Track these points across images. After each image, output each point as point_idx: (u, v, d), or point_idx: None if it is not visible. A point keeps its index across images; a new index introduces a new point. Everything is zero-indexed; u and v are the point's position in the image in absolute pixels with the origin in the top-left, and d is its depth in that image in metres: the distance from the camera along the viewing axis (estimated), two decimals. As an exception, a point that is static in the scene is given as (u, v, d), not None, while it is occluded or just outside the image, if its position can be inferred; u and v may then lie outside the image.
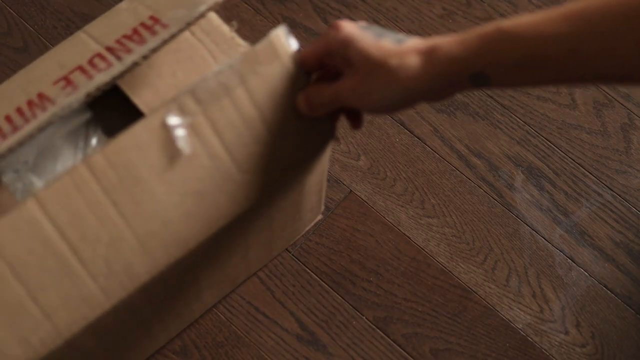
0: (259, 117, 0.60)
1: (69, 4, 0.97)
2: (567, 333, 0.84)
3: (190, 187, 0.58)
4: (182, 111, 0.58)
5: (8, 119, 0.59)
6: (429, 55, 0.52)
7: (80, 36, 0.65)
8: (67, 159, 0.64)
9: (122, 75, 0.57)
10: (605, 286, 0.86)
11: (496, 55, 0.49)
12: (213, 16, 0.65)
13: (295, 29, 0.97)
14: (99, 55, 0.61)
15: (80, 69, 0.60)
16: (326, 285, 0.85)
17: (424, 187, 0.90)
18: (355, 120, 0.62)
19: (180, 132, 0.58)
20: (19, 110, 0.59)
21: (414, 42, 0.53)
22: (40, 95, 0.59)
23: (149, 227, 0.57)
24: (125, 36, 0.61)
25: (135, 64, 0.57)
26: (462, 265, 0.86)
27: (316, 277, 0.85)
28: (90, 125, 0.65)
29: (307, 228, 0.87)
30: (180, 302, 0.73)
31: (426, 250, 0.87)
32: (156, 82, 0.62)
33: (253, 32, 0.97)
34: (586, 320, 0.84)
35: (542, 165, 0.91)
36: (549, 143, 0.92)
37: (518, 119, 0.93)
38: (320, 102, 0.59)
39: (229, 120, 0.59)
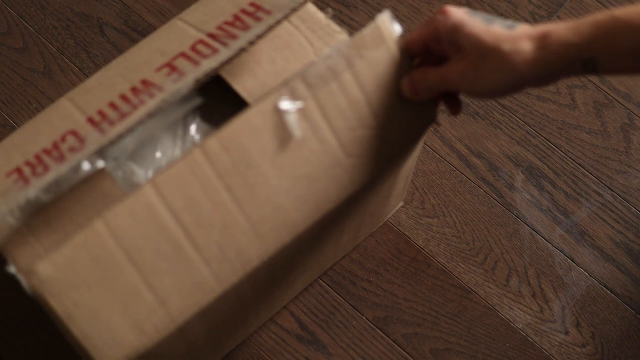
0: (365, 101, 0.60)
1: (69, 4, 0.98)
2: (567, 333, 0.84)
3: (300, 171, 0.59)
4: (293, 95, 0.58)
5: (112, 105, 0.59)
6: (541, 40, 0.53)
7: (177, 24, 0.65)
8: (166, 147, 0.64)
9: (229, 60, 0.58)
10: (605, 286, 0.86)
11: (610, 43, 0.51)
12: (307, 3, 0.65)
13: (295, 29, 0.97)
14: (202, 42, 0.61)
15: (184, 55, 0.61)
16: (326, 285, 0.85)
17: (424, 187, 0.90)
18: (455, 105, 0.63)
19: (291, 117, 0.58)
20: (123, 97, 0.60)
21: (524, 28, 0.54)
22: (145, 82, 0.60)
23: (261, 212, 0.58)
24: (226, 23, 0.62)
25: (242, 50, 0.58)
26: (462, 265, 0.86)
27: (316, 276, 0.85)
28: (188, 113, 0.65)
29: (389, 216, 0.87)
30: (278, 288, 0.73)
31: (426, 250, 0.87)
32: (255, 69, 0.63)
33: (253, 32, 0.97)
34: (586, 320, 0.84)
35: (542, 165, 0.91)
36: (549, 143, 0.92)
37: (518, 119, 0.93)
38: (426, 86, 0.60)
39: (336, 105, 0.60)
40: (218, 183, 0.57)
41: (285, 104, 0.58)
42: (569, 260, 0.87)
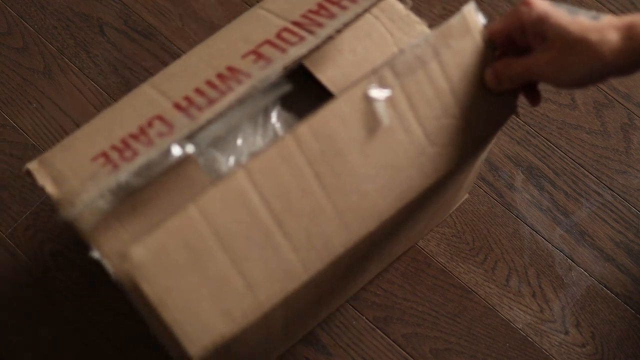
0: (450, 91, 0.61)
1: (69, 4, 0.98)
2: (567, 333, 0.84)
3: (385, 160, 0.59)
4: (382, 83, 0.59)
5: (199, 91, 0.60)
6: (627, 31, 0.54)
7: (258, 12, 0.66)
8: (247, 135, 0.65)
9: (317, 48, 0.59)
10: (605, 286, 0.86)
11: None
12: None
13: (295, 29, 0.97)
14: (287, 30, 0.62)
15: (269, 42, 0.61)
16: (326, 285, 0.85)
17: (424, 187, 0.90)
18: (534, 96, 0.64)
19: (380, 105, 0.59)
20: (210, 83, 0.60)
21: (609, 19, 0.55)
22: (231, 69, 0.61)
23: (348, 199, 0.58)
24: (311, 11, 0.62)
25: (330, 38, 0.59)
26: (462, 265, 0.86)
27: (316, 277, 0.85)
28: (273, 100, 0.66)
29: (454, 208, 0.87)
30: (352, 277, 0.73)
31: (426, 250, 0.87)
32: (337, 58, 0.63)
33: (253, 32, 0.97)
34: (586, 320, 0.84)
35: (542, 165, 0.91)
36: (549, 143, 0.92)
37: (518, 119, 0.93)
38: (509, 77, 0.60)
39: (422, 93, 0.60)
40: (307, 170, 0.57)
41: (375, 92, 0.58)
42: (569, 260, 0.87)
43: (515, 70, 0.60)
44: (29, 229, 0.86)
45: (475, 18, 0.62)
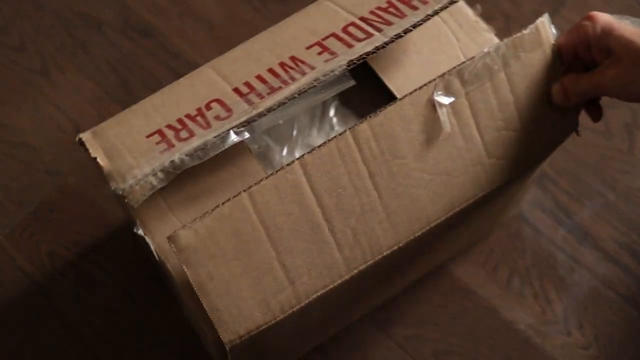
0: (514, 103, 0.61)
1: (67, 3, 0.97)
2: (569, 335, 0.83)
3: (441, 166, 0.59)
4: (448, 90, 0.59)
5: (260, 78, 0.60)
6: None
7: (325, 4, 0.66)
8: (303, 126, 0.65)
9: (385, 46, 0.59)
10: (609, 287, 0.85)
11: None
12: None
13: (295, 27, 0.96)
14: (354, 25, 0.62)
15: (335, 36, 0.62)
16: (326, 287, 0.84)
17: (425, 187, 0.89)
18: (596, 111, 0.63)
19: (444, 111, 0.59)
20: (272, 72, 0.60)
21: None
22: (294, 59, 0.61)
23: (398, 202, 0.58)
24: (380, 8, 0.62)
25: (399, 36, 0.59)
26: (464, 266, 0.86)
27: (316, 278, 0.85)
28: (337, 94, 0.66)
29: (500, 222, 0.86)
30: (390, 281, 0.73)
31: (427, 251, 0.86)
32: (401, 58, 0.63)
33: (253, 32, 0.96)
34: (589, 321, 0.84)
35: (544, 165, 0.90)
36: (552, 143, 0.92)
37: (520, 119, 0.93)
38: (576, 92, 0.60)
39: (486, 103, 0.60)
40: (363, 169, 0.57)
41: (441, 98, 0.58)
42: (572, 261, 0.86)
43: (582, 85, 0.59)
44: (27, 230, 0.86)
45: (548, 31, 0.61)
